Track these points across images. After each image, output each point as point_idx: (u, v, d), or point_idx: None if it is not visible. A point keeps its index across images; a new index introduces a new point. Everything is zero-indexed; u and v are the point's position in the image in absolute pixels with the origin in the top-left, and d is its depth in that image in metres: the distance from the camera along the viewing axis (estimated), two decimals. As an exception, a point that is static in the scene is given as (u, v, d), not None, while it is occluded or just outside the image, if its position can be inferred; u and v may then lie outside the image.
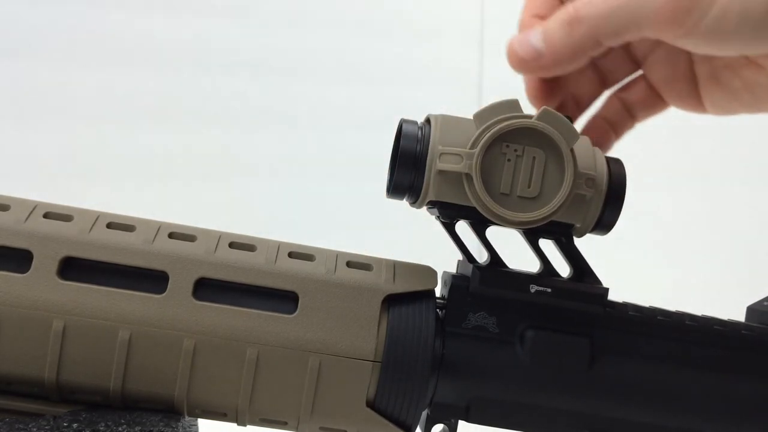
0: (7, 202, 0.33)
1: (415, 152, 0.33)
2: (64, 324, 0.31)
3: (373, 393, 0.34)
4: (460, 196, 0.33)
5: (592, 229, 0.35)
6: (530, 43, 0.37)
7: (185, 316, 0.32)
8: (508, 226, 0.33)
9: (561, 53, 0.36)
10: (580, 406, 0.35)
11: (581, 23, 0.36)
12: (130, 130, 0.92)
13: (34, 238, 0.32)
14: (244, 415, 0.34)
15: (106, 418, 0.32)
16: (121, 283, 0.32)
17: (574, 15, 0.36)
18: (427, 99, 0.87)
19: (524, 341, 0.35)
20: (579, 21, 0.36)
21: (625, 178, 0.34)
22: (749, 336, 0.37)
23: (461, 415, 0.35)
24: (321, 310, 0.33)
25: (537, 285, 0.35)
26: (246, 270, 0.33)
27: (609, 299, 0.36)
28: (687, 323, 0.37)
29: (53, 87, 0.90)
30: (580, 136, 0.33)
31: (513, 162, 0.32)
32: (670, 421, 0.36)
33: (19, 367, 0.32)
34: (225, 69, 0.94)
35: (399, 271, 0.35)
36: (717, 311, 0.39)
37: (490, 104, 0.33)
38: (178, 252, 0.33)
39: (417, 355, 0.33)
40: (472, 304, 0.35)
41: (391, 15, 0.99)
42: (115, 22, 0.91)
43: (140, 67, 0.92)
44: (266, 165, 0.95)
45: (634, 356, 0.36)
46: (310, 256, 0.35)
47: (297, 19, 0.96)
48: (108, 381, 0.32)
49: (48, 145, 0.89)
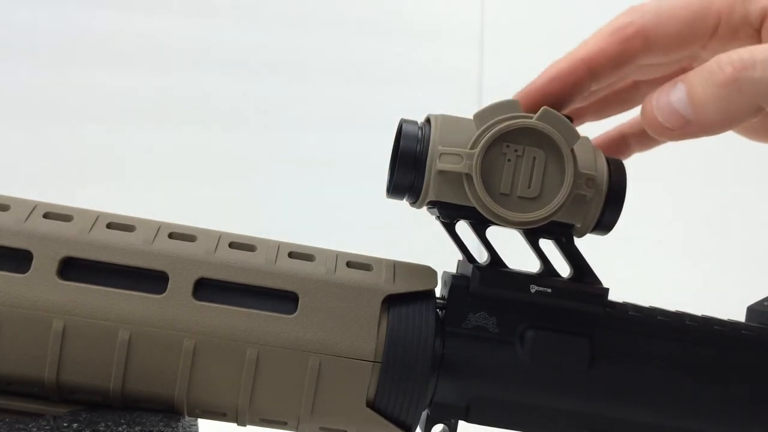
0: (7, 202, 0.33)
1: (415, 152, 0.33)
2: (64, 324, 0.31)
3: (373, 393, 0.34)
4: (460, 196, 0.33)
5: (593, 230, 0.35)
6: (674, 108, 0.32)
7: (185, 317, 0.32)
8: (508, 226, 0.33)
9: (714, 122, 0.32)
10: (580, 406, 0.35)
11: (743, 89, 0.30)
12: (130, 130, 0.92)
13: (34, 238, 0.32)
14: (244, 415, 0.34)
15: (106, 418, 0.32)
16: (121, 283, 0.32)
17: (732, 78, 0.30)
18: (427, 99, 0.87)
19: (524, 341, 0.35)
20: (740, 86, 0.30)
21: (626, 178, 0.34)
22: (749, 336, 0.37)
23: (461, 415, 0.35)
24: (321, 310, 0.33)
25: (537, 285, 0.35)
26: (246, 270, 0.33)
27: (609, 299, 0.36)
28: (687, 323, 0.37)
29: (53, 87, 0.90)
30: (580, 136, 0.33)
31: (513, 162, 0.32)
32: (669, 421, 0.36)
33: (19, 367, 0.32)
34: (225, 69, 0.94)
35: (399, 272, 0.35)
36: (717, 311, 0.39)
37: (490, 104, 0.33)
38: (178, 252, 0.33)
39: (417, 355, 0.33)
40: (472, 304, 0.35)
41: (391, 15, 0.99)
42: (115, 22, 0.92)
43: (140, 67, 0.92)
44: (266, 165, 0.95)
45: (634, 356, 0.36)
46: (310, 256, 0.35)
47: (297, 19, 0.96)
48: (108, 381, 0.32)
49: (48, 145, 0.89)
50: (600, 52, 0.35)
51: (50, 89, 0.89)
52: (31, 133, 0.89)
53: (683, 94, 0.32)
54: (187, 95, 0.93)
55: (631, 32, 0.34)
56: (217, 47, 0.94)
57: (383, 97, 0.94)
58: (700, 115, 0.31)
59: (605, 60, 0.35)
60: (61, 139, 0.89)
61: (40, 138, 0.89)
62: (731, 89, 0.30)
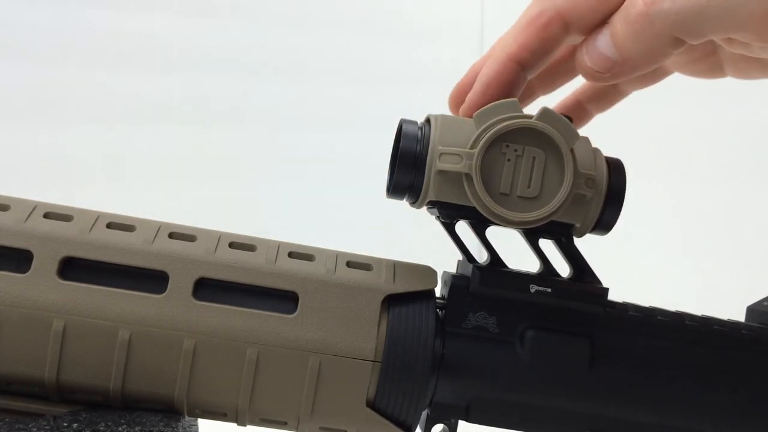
0: (7, 202, 0.33)
1: (415, 152, 0.33)
2: (64, 324, 0.31)
3: (373, 393, 0.34)
4: (460, 196, 0.33)
5: (592, 229, 0.35)
6: (600, 52, 0.33)
7: (185, 316, 0.32)
8: (508, 226, 0.33)
9: (638, 59, 0.32)
10: (580, 406, 0.35)
11: (654, 22, 0.31)
12: (130, 130, 0.92)
13: (34, 238, 0.32)
14: (244, 415, 0.34)
15: (106, 418, 0.32)
16: (121, 283, 0.32)
17: (643, 12, 0.31)
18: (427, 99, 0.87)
19: (524, 341, 0.35)
20: (651, 19, 0.31)
21: (625, 178, 0.34)
22: (749, 336, 0.37)
23: (461, 415, 0.35)
24: (321, 310, 0.33)
25: (537, 285, 0.35)
26: (246, 270, 0.33)
27: (609, 299, 0.36)
28: (687, 323, 0.37)
29: (53, 87, 0.90)
30: (580, 137, 0.33)
31: (513, 162, 0.32)
32: (669, 421, 0.36)
33: (19, 367, 0.32)
34: (225, 69, 0.94)
35: (399, 271, 0.35)
36: (717, 311, 0.39)
37: (490, 104, 0.33)
38: (178, 252, 0.33)
39: (417, 355, 0.33)
40: (472, 304, 0.35)
41: (391, 15, 0.99)
42: (115, 22, 0.92)
43: (140, 67, 0.92)
44: (266, 165, 0.95)
45: (634, 356, 0.36)
46: (310, 256, 0.35)
47: (297, 19, 0.96)
48: (108, 381, 0.32)
49: (48, 145, 0.89)
50: (522, 47, 0.34)
51: (50, 89, 0.89)
52: (31, 133, 0.89)
53: (607, 37, 0.33)
54: (187, 95, 0.93)
55: (546, 20, 0.34)
56: (217, 47, 0.94)
57: (383, 97, 0.94)
58: (623, 54, 0.32)
59: (529, 54, 0.34)
60: (61, 139, 0.89)
61: (40, 138, 0.89)
62: (644, 24, 0.31)
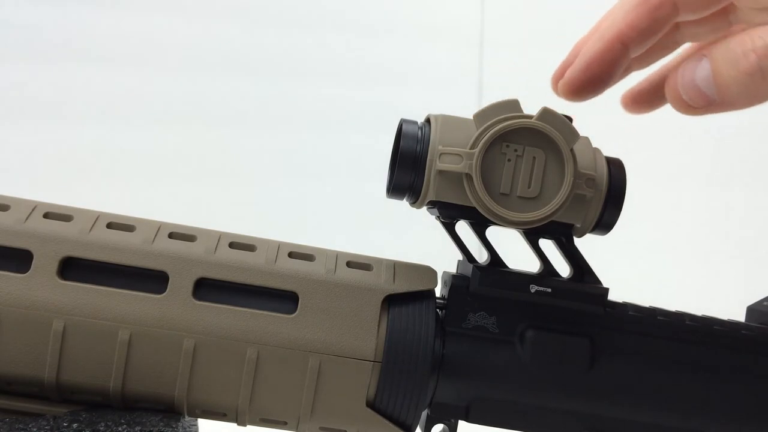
0: (7, 202, 0.33)
1: (415, 152, 0.33)
2: (64, 324, 0.31)
3: (373, 393, 0.34)
4: (460, 196, 0.33)
5: (592, 229, 0.35)
6: (698, 88, 0.32)
7: (185, 316, 0.32)
8: (508, 226, 0.33)
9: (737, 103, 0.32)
10: (580, 406, 0.35)
11: (766, 76, 0.31)
12: (130, 130, 0.92)
13: (34, 238, 0.32)
14: (244, 415, 0.34)
15: (106, 418, 0.32)
16: (121, 283, 0.32)
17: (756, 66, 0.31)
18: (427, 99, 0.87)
19: (524, 341, 0.35)
20: (764, 74, 0.31)
21: (626, 178, 0.34)
22: (749, 336, 0.37)
23: (461, 415, 0.35)
24: (321, 310, 0.33)
25: (537, 285, 0.35)
26: (246, 270, 0.33)
27: (609, 299, 0.36)
28: (687, 323, 0.37)
29: (53, 87, 0.90)
30: (580, 137, 0.33)
31: (513, 162, 0.32)
32: (670, 421, 0.36)
33: (19, 367, 0.32)
34: (225, 69, 0.94)
35: (399, 271, 0.35)
36: (717, 311, 0.39)
37: (490, 104, 0.33)
38: (178, 252, 0.33)
39: (417, 355, 0.33)
40: (472, 304, 0.35)
41: (391, 15, 0.99)
42: (114, 22, 0.91)
43: (139, 67, 0.92)
44: (266, 165, 0.95)
45: (634, 356, 0.36)
46: (310, 256, 0.35)
47: (297, 19, 0.96)
48: (108, 381, 0.32)
49: (48, 145, 0.89)
50: (631, 26, 0.34)
51: (50, 89, 0.89)
52: (31, 133, 0.89)
53: (708, 74, 0.32)
54: (187, 95, 0.93)
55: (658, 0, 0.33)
56: (217, 47, 0.94)
57: (383, 97, 0.94)
58: (724, 96, 0.32)
59: (637, 34, 0.34)
60: (61, 139, 0.89)
61: (40, 138, 0.89)
62: (755, 76, 0.31)
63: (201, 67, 0.94)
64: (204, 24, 0.94)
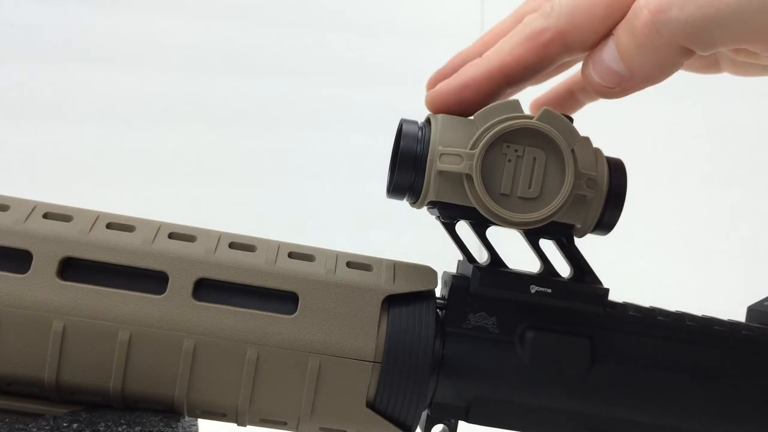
0: (6, 203, 0.33)
1: (415, 152, 0.33)
2: (64, 324, 0.31)
3: (373, 393, 0.34)
4: (461, 197, 0.33)
5: (593, 230, 0.35)
6: (608, 66, 0.31)
7: (185, 317, 0.32)
8: (509, 226, 0.33)
9: (647, 72, 0.31)
10: (580, 407, 0.35)
11: (661, 31, 0.29)
12: (130, 130, 0.92)
13: (33, 238, 0.32)
14: (243, 415, 0.34)
15: (106, 418, 0.32)
16: (120, 284, 0.32)
17: (649, 21, 0.29)
18: (427, 99, 0.87)
19: (524, 342, 0.35)
20: (657, 29, 0.29)
21: (626, 178, 0.34)
22: (749, 336, 0.37)
23: (461, 416, 0.35)
24: (321, 311, 0.33)
25: (537, 285, 0.35)
26: (246, 270, 0.33)
27: (609, 299, 0.36)
28: (687, 323, 0.37)
29: (53, 87, 0.90)
30: (580, 137, 0.33)
31: (513, 162, 0.32)
32: (670, 421, 0.36)
33: (19, 367, 0.32)
34: (225, 69, 0.94)
35: (399, 272, 0.35)
36: (717, 311, 0.39)
37: (490, 104, 0.33)
38: (177, 252, 0.33)
39: (417, 355, 0.33)
40: (472, 304, 0.35)
41: (391, 15, 0.99)
42: (114, 22, 0.91)
43: (139, 67, 0.92)
44: (266, 165, 0.95)
45: (634, 356, 0.36)
46: (310, 256, 0.35)
47: (297, 19, 0.96)
48: (108, 381, 0.32)
49: (48, 145, 0.89)
50: (517, 61, 0.33)
51: (50, 89, 0.89)
52: (31, 133, 0.89)
53: (613, 50, 0.31)
54: (187, 95, 0.93)
55: (548, 38, 0.32)
56: (217, 47, 0.94)
57: (383, 97, 0.94)
58: (632, 67, 0.31)
59: (522, 69, 0.33)
60: (61, 139, 0.89)
61: (40, 138, 0.89)
62: (651, 34, 0.30)
63: (201, 67, 0.94)
64: (204, 24, 0.94)
